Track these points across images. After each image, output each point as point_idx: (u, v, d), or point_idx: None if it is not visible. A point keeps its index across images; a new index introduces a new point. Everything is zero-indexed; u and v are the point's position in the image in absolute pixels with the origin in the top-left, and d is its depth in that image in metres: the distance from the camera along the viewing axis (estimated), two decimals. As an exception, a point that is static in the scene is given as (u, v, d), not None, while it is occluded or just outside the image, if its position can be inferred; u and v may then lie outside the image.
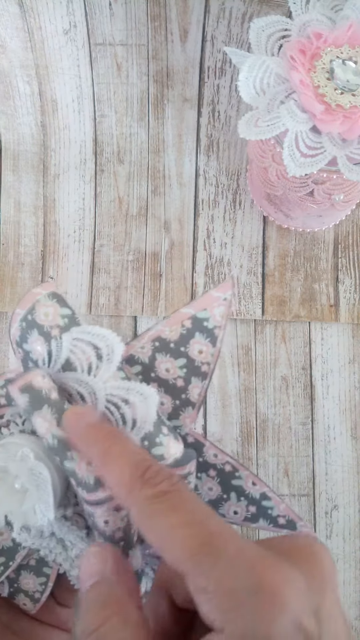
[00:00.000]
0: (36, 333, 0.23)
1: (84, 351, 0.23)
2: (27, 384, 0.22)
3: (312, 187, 0.40)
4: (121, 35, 0.49)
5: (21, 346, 0.24)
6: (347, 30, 0.36)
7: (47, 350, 0.23)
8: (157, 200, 0.51)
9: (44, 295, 0.24)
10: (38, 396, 0.22)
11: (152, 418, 0.23)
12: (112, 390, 0.23)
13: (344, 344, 0.50)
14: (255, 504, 0.26)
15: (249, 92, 0.35)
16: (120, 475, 0.20)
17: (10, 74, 0.50)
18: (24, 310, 0.24)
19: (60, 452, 0.22)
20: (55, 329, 0.23)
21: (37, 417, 0.22)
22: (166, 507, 0.18)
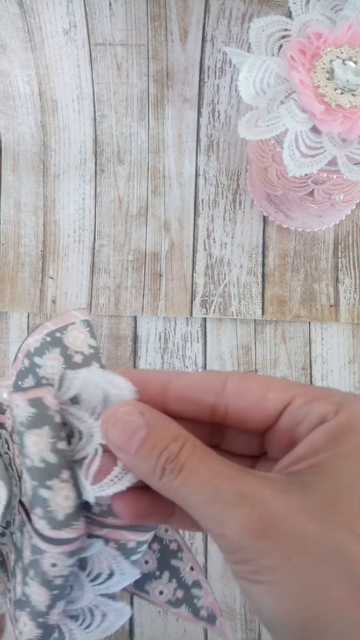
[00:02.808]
0: (58, 352, 0.23)
1: (95, 394, 0.22)
2: (37, 398, 0.21)
3: (312, 187, 0.40)
4: (121, 35, 0.49)
5: (32, 358, 0.23)
6: (347, 30, 0.36)
7: (62, 372, 0.23)
8: (157, 200, 0.51)
9: (80, 321, 0.23)
10: (44, 414, 0.21)
11: (134, 479, 0.22)
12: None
13: (344, 344, 0.50)
14: (184, 589, 0.26)
15: (249, 92, 0.35)
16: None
17: (10, 74, 0.50)
18: (54, 326, 0.23)
19: (41, 478, 0.21)
20: (79, 356, 0.23)
21: (34, 434, 0.21)
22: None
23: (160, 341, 0.50)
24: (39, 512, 0.21)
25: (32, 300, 0.51)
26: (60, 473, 0.21)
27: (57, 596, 0.22)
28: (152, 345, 0.50)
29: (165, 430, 0.20)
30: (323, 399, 0.20)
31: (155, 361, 0.50)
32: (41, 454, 0.21)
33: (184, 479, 0.19)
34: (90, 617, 0.24)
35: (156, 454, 0.19)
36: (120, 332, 0.50)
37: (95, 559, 0.23)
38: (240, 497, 0.18)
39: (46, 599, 0.22)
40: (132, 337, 0.51)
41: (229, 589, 0.48)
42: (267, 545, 0.17)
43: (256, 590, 0.18)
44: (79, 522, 0.21)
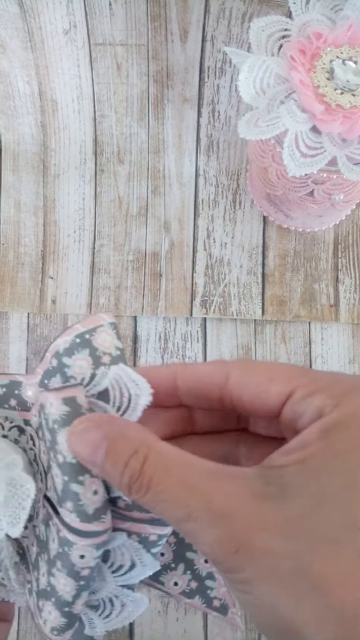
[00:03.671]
0: (87, 353, 0.24)
1: (121, 389, 0.23)
2: (72, 397, 0.22)
3: (312, 187, 0.40)
4: (121, 35, 0.49)
5: (61, 358, 0.24)
6: (347, 30, 0.36)
7: (91, 372, 0.23)
8: (157, 200, 0.51)
9: (108, 323, 0.24)
10: (77, 412, 0.22)
11: None
12: None
13: (344, 344, 0.50)
14: (198, 581, 0.26)
15: (249, 92, 0.35)
16: None
17: (10, 74, 0.50)
18: (85, 328, 0.24)
19: (74, 473, 0.22)
20: (107, 357, 0.24)
21: (67, 432, 0.22)
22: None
23: (160, 341, 0.50)
24: (70, 506, 0.22)
25: (32, 300, 0.51)
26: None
27: (83, 587, 0.23)
28: (152, 345, 0.50)
29: (124, 443, 0.19)
30: (323, 392, 0.19)
31: (155, 361, 0.50)
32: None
33: (153, 496, 0.18)
34: (110, 607, 0.25)
35: (119, 470, 0.19)
36: (120, 332, 0.50)
37: (118, 552, 0.24)
38: (213, 517, 0.18)
39: (72, 589, 0.23)
40: (132, 337, 0.51)
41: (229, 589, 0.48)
42: (242, 561, 0.17)
43: (243, 599, 0.18)
44: (107, 515, 0.22)
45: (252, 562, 0.17)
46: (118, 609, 0.25)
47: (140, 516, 0.23)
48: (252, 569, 0.17)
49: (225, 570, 0.18)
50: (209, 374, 0.21)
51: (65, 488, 0.22)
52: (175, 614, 0.47)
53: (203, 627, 0.47)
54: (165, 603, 0.47)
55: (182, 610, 0.47)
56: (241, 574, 0.17)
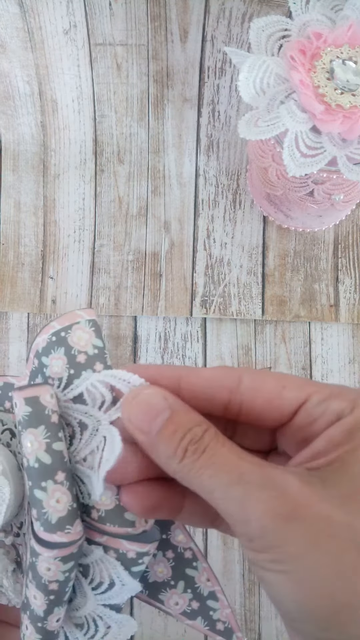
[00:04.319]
0: (62, 351, 0.23)
1: (101, 393, 0.22)
2: (34, 397, 0.21)
3: (312, 187, 0.40)
4: (121, 35, 0.49)
5: (40, 357, 0.23)
6: (347, 30, 0.36)
7: (67, 373, 0.22)
8: (157, 200, 0.51)
9: (85, 320, 0.23)
10: (40, 414, 0.21)
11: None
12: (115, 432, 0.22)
13: (344, 344, 0.50)
14: (200, 601, 0.25)
15: (249, 92, 0.35)
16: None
17: (10, 74, 0.50)
18: (60, 326, 0.23)
19: (36, 478, 0.21)
20: (82, 356, 0.23)
21: (30, 434, 0.21)
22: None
23: (160, 341, 0.50)
24: (35, 514, 0.21)
25: (32, 300, 0.51)
26: (55, 475, 0.21)
27: (53, 602, 0.22)
28: (152, 345, 0.50)
29: (188, 415, 0.20)
30: (339, 397, 0.20)
31: (155, 361, 0.50)
32: (36, 454, 0.21)
33: (206, 460, 0.19)
34: (94, 628, 0.24)
35: (179, 437, 0.19)
36: (120, 332, 0.50)
37: (97, 567, 0.23)
38: (266, 479, 0.18)
39: (43, 604, 0.22)
40: (132, 337, 0.51)
41: (229, 589, 0.48)
42: (293, 530, 0.17)
43: (277, 580, 0.17)
44: (74, 527, 0.21)
45: (306, 530, 0.17)
46: (102, 631, 0.24)
47: (115, 530, 0.22)
48: (303, 540, 0.17)
49: (265, 548, 0.17)
50: (219, 377, 0.21)
51: (30, 494, 0.21)
52: (175, 614, 0.47)
53: (203, 627, 0.47)
54: (165, 603, 0.47)
55: (182, 610, 0.47)
56: (285, 548, 0.17)
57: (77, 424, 0.22)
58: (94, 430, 0.22)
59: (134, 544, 0.22)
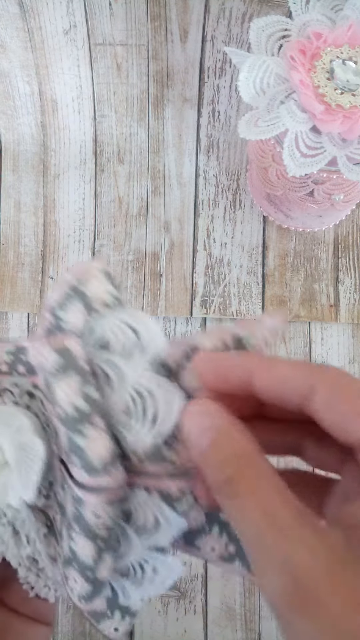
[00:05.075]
0: (80, 303, 0.22)
1: (124, 334, 0.22)
2: (63, 346, 0.21)
3: (312, 187, 0.40)
4: (121, 35, 0.49)
5: (55, 312, 0.23)
6: (347, 30, 0.36)
7: (86, 323, 0.22)
8: (157, 200, 0.51)
9: (100, 271, 0.23)
10: (71, 361, 0.21)
11: (173, 419, 0.22)
12: (141, 380, 0.22)
13: (344, 344, 0.50)
14: (235, 543, 0.25)
15: (249, 92, 0.35)
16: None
17: (10, 74, 0.50)
18: (75, 278, 0.23)
19: (74, 425, 0.20)
20: (101, 304, 0.22)
21: (63, 383, 0.21)
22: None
23: (160, 341, 0.50)
24: (76, 461, 0.20)
25: (32, 300, 0.51)
26: (94, 419, 0.21)
27: (103, 549, 0.22)
28: (152, 345, 0.50)
29: (228, 440, 0.19)
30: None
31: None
32: (72, 402, 0.21)
33: (235, 508, 0.18)
34: (141, 573, 0.24)
35: (217, 464, 0.18)
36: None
37: (140, 510, 0.23)
38: (283, 564, 0.16)
39: (93, 552, 0.22)
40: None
41: (229, 589, 0.48)
42: (300, 622, 0.16)
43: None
44: (117, 469, 0.21)
45: (312, 627, 0.15)
46: (150, 575, 0.24)
47: (156, 470, 0.22)
48: (305, 636, 0.15)
49: (275, 616, 0.16)
50: (293, 379, 0.20)
51: (69, 442, 0.21)
52: (175, 614, 0.47)
53: (203, 627, 0.47)
54: (166, 603, 0.47)
55: (182, 610, 0.47)
56: (289, 634, 0.16)
57: (103, 374, 0.22)
58: (121, 380, 0.22)
59: (176, 480, 0.22)
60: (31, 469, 0.22)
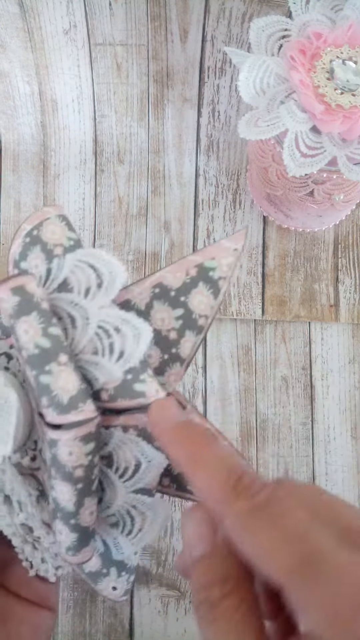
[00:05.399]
0: (39, 249, 0.22)
1: (85, 273, 0.22)
2: (19, 286, 0.21)
3: (312, 187, 0.40)
4: (121, 35, 0.49)
5: (19, 265, 0.23)
6: (347, 30, 0.36)
7: (46, 267, 0.22)
8: (157, 200, 0.51)
9: (55, 215, 0.23)
10: (29, 301, 0.21)
11: (141, 353, 0.21)
12: (106, 317, 0.22)
13: (344, 344, 0.50)
14: None
15: (249, 92, 0.35)
16: (210, 483, 0.18)
17: (10, 74, 0.50)
18: (30, 225, 0.23)
19: (39, 364, 0.20)
20: (59, 248, 0.22)
21: (23, 322, 0.20)
22: (263, 522, 0.17)
23: (160, 341, 0.50)
24: (45, 401, 0.20)
25: (32, 300, 0.51)
26: (58, 357, 0.20)
27: (81, 491, 0.21)
28: (152, 345, 0.50)
29: (219, 564, 0.18)
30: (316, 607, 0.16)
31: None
32: (34, 340, 0.20)
33: (209, 631, 0.18)
34: (130, 521, 0.23)
35: (200, 586, 0.18)
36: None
37: (120, 453, 0.22)
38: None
39: (72, 496, 0.21)
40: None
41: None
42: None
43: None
44: (86, 404, 0.20)
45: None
46: (139, 522, 0.23)
47: (128, 404, 0.21)
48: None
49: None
50: (273, 559, 0.18)
51: (36, 382, 0.20)
52: (175, 614, 0.47)
53: (203, 627, 0.47)
54: (166, 603, 0.47)
55: (182, 610, 0.47)
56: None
57: (67, 316, 0.22)
58: (85, 319, 0.21)
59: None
60: (6, 420, 0.22)
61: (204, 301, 0.24)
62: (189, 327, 0.24)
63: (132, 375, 0.22)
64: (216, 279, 0.24)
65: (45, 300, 0.21)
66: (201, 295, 0.24)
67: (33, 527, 0.24)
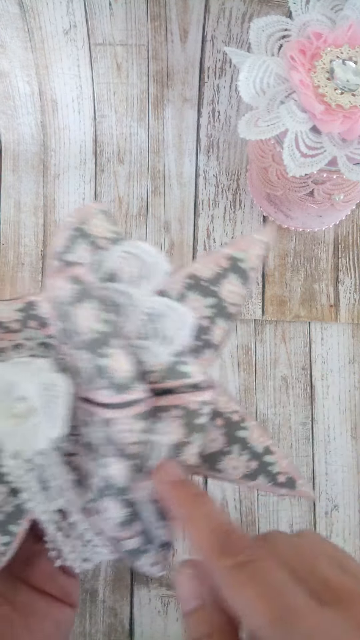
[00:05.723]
0: (84, 242, 0.24)
1: (130, 264, 0.23)
2: (75, 275, 0.22)
3: (312, 187, 0.40)
4: (121, 35, 0.49)
5: (62, 257, 0.24)
6: (347, 30, 0.36)
7: (93, 258, 0.23)
8: (157, 200, 0.51)
9: (98, 210, 0.24)
10: (85, 289, 0.22)
11: (185, 338, 0.23)
12: (152, 304, 0.23)
13: (344, 344, 0.50)
14: (256, 459, 0.25)
15: (249, 92, 0.35)
16: (200, 541, 0.20)
17: (10, 74, 0.50)
18: (75, 219, 0.24)
19: (96, 348, 0.21)
20: (104, 241, 0.24)
21: (81, 309, 0.22)
22: (245, 578, 0.19)
23: (160, 341, 0.50)
24: (101, 383, 0.22)
25: (32, 300, 0.51)
26: (113, 341, 0.22)
27: (135, 467, 0.23)
28: (152, 345, 0.50)
29: (207, 617, 0.20)
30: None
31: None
32: (91, 325, 0.22)
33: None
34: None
35: (192, 639, 0.20)
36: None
37: (165, 428, 0.24)
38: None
39: (126, 471, 0.22)
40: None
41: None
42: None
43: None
44: (140, 385, 0.22)
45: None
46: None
47: (174, 384, 0.23)
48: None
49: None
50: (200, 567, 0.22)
51: (92, 365, 0.22)
52: (175, 614, 0.47)
53: (203, 627, 0.47)
54: (166, 603, 0.47)
55: (182, 610, 0.47)
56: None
57: (115, 303, 0.23)
58: (132, 306, 0.23)
59: (194, 393, 0.23)
60: (57, 404, 0.23)
61: (234, 290, 0.25)
62: (220, 315, 0.25)
63: (177, 358, 0.23)
64: (246, 270, 0.25)
65: (98, 288, 0.23)
66: (231, 284, 0.25)
67: (71, 512, 0.25)
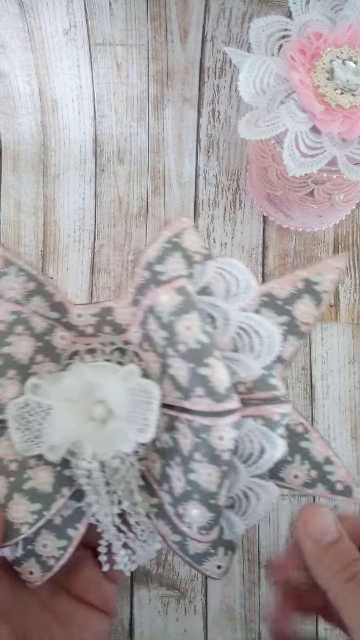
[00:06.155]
0: (179, 255, 0.25)
1: (224, 279, 0.24)
2: (181, 287, 0.23)
3: (312, 187, 0.40)
4: (121, 35, 0.49)
5: (152, 267, 0.25)
6: (347, 30, 0.36)
7: (188, 272, 0.24)
8: (157, 200, 0.51)
9: (191, 226, 0.25)
10: (190, 300, 0.23)
11: (275, 354, 0.25)
12: (244, 319, 0.25)
13: (344, 344, 0.50)
14: (317, 469, 0.26)
15: (249, 92, 0.35)
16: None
17: (10, 74, 0.50)
18: (171, 232, 0.25)
19: (199, 358, 0.22)
20: (198, 256, 0.25)
21: (186, 320, 0.23)
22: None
23: (160, 341, 0.50)
24: (200, 391, 0.22)
25: (32, 300, 0.51)
26: (213, 352, 0.23)
27: (225, 473, 0.23)
28: (152, 345, 0.50)
29: (351, 545, 0.21)
30: None
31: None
32: (195, 336, 0.23)
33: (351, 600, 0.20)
34: (245, 502, 0.25)
35: (347, 559, 0.21)
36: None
37: (246, 440, 0.24)
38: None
39: (217, 477, 0.23)
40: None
41: (229, 589, 0.48)
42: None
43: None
44: (236, 395, 0.23)
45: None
46: (253, 503, 0.25)
47: (264, 395, 0.24)
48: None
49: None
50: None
51: (193, 374, 0.22)
52: (175, 614, 0.47)
53: (203, 627, 0.47)
54: (166, 603, 0.47)
55: (182, 610, 0.47)
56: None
57: (208, 316, 0.24)
58: (225, 320, 0.24)
59: (277, 406, 0.24)
60: (147, 409, 0.24)
61: (307, 311, 0.27)
62: (292, 332, 0.27)
63: (267, 371, 0.25)
64: (320, 292, 0.27)
65: (199, 301, 0.24)
66: (305, 305, 0.27)
67: (136, 512, 0.26)
